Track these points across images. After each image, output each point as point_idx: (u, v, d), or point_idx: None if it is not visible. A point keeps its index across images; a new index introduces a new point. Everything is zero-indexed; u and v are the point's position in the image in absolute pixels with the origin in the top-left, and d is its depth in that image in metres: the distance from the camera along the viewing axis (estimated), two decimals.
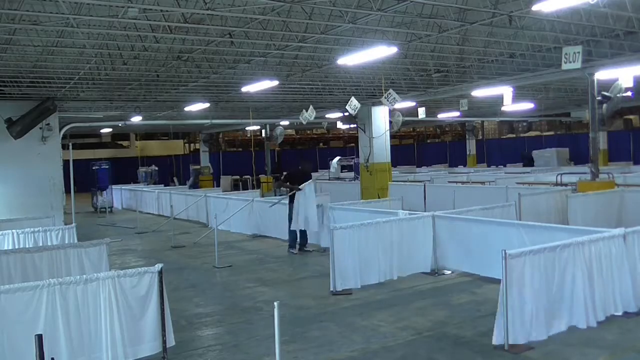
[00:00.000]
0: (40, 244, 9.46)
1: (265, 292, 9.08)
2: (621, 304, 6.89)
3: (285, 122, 26.77)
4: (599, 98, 14.44)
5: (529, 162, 31.75)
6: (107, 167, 24.42)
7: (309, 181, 11.96)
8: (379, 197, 17.42)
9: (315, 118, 19.37)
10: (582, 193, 13.49)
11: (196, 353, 6.43)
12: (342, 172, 26.92)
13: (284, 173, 14.65)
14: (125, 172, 33.36)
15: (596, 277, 6.66)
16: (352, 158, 27.74)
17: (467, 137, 38.70)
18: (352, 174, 26.77)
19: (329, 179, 25.65)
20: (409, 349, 6.23)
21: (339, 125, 28.60)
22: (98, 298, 5.58)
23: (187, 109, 20.71)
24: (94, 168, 24.23)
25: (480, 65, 15.66)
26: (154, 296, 5.90)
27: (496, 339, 5.99)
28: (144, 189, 24.82)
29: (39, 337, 3.90)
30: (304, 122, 21.15)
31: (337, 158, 27.15)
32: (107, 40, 11.37)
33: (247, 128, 32.54)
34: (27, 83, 14.87)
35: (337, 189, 21.38)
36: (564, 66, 11.65)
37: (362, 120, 20.40)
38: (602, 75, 13.98)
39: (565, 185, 16.07)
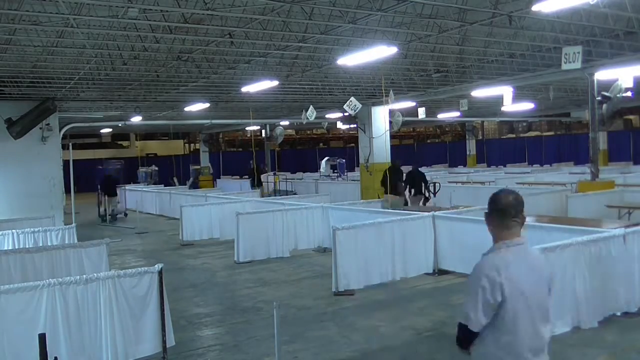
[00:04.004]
0: (40, 244, 9.46)
1: (265, 292, 9.08)
2: (621, 304, 6.89)
3: (285, 122, 26.77)
4: (599, 98, 14.43)
5: None
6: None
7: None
8: (379, 198, 17.39)
9: (315, 118, 19.36)
10: (582, 193, 13.50)
11: (196, 353, 6.43)
12: (334, 172, 27.19)
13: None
14: (125, 172, 33.29)
15: (596, 277, 6.66)
16: (337, 159, 28.14)
17: (467, 137, 38.68)
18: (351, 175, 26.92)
19: (331, 179, 25.76)
20: (409, 349, 6.23)
21: (339, 125, 28.64)
22: (98, 298, 5.58)
23: (187, 109, 20.69)
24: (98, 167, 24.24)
25: (480, 65, 15.64)
26: (153, 296, 5.90)
27: None
28: (144, 189, 24.81)
29: (42, 337, 3.90)
30: (304, 122, 21.16)
31: (326, 158, 27.90)
32: (107, 41, 11.35)
33: (247, 128, 32.54)
34: (27, 83, 14.85)
35: (337, 189, 21.37)
36: (564, 66, 11.64)
37: (362, 120, 20.38)
38: (602, 75, 13.97)
39: (565, 185, 16.08)
